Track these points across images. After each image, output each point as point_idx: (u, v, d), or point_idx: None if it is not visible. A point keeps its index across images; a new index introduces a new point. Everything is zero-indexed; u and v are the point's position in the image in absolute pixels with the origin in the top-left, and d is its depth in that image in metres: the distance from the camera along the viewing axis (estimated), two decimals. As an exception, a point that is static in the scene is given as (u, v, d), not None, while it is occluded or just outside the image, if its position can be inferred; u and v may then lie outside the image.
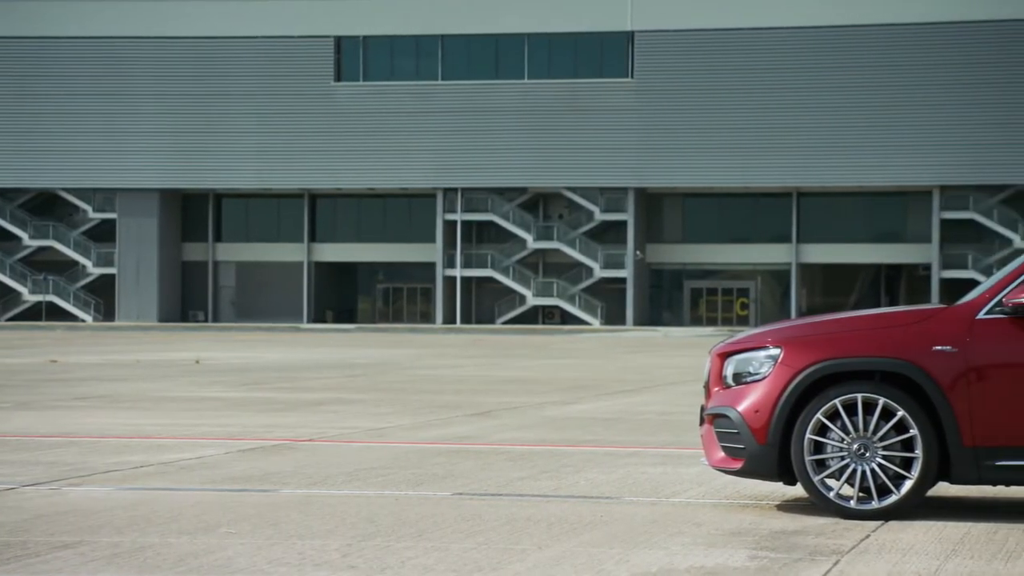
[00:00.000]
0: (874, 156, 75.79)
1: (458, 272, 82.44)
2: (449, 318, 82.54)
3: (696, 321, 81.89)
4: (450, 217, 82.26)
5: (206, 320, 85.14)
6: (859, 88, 75.71)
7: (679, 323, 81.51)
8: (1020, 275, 8.45)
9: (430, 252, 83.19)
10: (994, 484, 8.40)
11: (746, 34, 77.41)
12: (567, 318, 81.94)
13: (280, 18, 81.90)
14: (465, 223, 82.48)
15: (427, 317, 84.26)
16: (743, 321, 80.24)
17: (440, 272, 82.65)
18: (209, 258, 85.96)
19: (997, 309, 8.41)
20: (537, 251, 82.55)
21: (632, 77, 79.15)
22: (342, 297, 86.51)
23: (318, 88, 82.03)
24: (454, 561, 7.12)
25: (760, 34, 77.22)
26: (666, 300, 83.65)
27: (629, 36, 79.17)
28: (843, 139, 76.02)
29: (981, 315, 8.42)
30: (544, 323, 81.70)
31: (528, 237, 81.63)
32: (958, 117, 74.49)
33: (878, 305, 74.99)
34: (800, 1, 76.89)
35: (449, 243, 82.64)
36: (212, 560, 7.11)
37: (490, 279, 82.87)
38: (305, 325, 79.76)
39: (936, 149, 75.00)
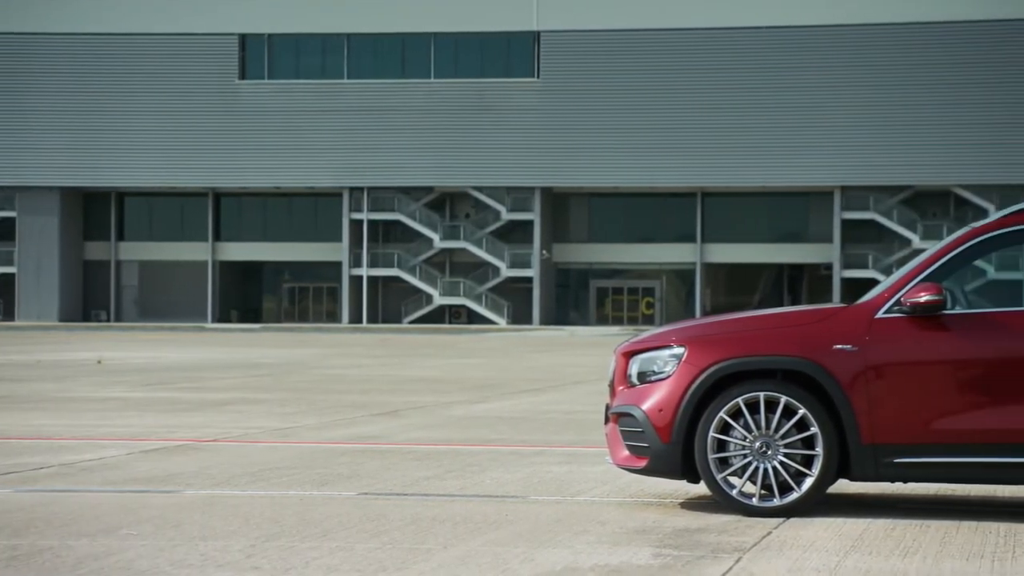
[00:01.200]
0: (777, 157, 76.59)
1: (364, 271, 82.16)
2: (355, 318, 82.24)
3: (602, 320, 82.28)
4: (356, 216, 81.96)
5: (108, 320, 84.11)
6: (762, 90, 76.48)
7: (585, 322, 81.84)
8: (918, 275, 8.59)
9: (336, 251, 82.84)
10: (892, 481, 8.53)
11: (651, 35, 77.89)
12: (474, 317, 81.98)
13: (184, 15, 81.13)
14: (371, 222, 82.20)
15: (333, 317, 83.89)
16: (648, 320, 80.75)
17: (346, 271, 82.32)
18: (111, 257, 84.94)
19: (895, 308, 8.54)
20: (444, 250, 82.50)
21: (538, 77, 79.35)
22: (247, 296, 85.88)
23: (222, 86, 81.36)
24: (359, 561, 7.10)
25: (664, 35, 77.74)
26: (572, 299, 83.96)
27: (535, 36, 79.37)
28: (747, 140, 76.74)
29: (880, 314, 8.55)
30: (451, 322, 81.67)
31: (435, 236, 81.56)
32: (858, 119, 75.47)
33: (781, 304, 75.81)
34: (703, 3, 77.49)
35: (355, 242, 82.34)
36: (113, 562, 7.03)
37: (396, 278, 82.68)
38: (210, 325, 79.07)
39: (837, 150, 75.94)
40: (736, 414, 8.59)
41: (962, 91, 74.34)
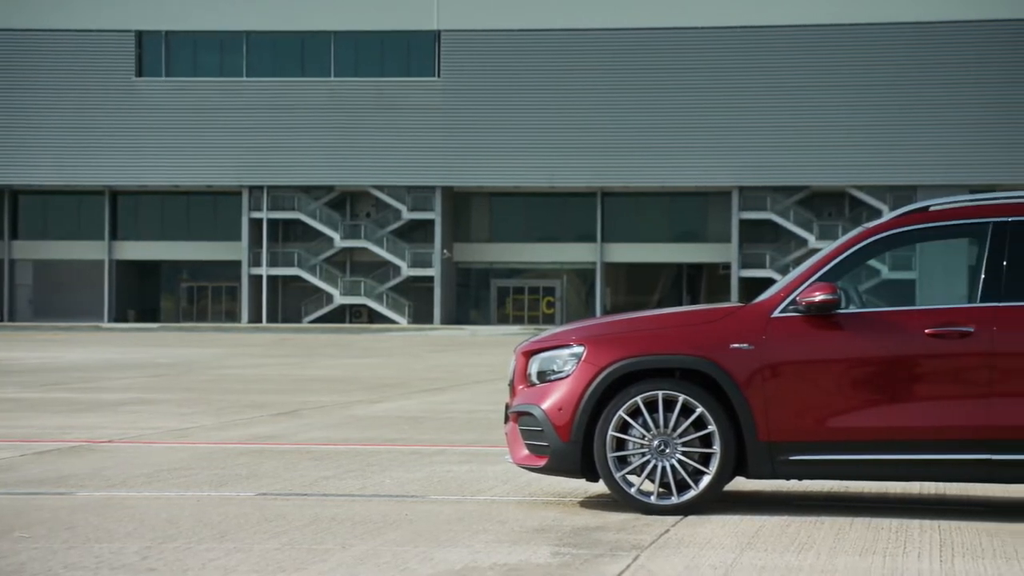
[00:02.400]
0: (676, 157, 77.19)
1: (264, 271, 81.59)
2: (255, 317, 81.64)
3: (503, 319, 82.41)
4: (256, 215, 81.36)
5: (2, 320, 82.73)
6: (660, 91, 77.03)
7: (486, 321, 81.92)
8: (812, 274, 8.70)
9: (235, 250, 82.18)
10: (787, 478, 8.63)
11: (552, 35, 78.15)
12: (374, 317, 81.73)
13: (80, 11, 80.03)
14: (271, 221, 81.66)
15: (232, 316, 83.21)
16: (549, 320, 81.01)
17: (246, 270, 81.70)
18: (5, 256, 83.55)
19: (791, 307, 8.63)
20: (344, 250, 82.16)
21: (439, 76, 79.31)
22: (145, 296, 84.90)
23: (119, 83, 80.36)
24: (257, 562, 7.05)
25: (565, 35, 78.03)
26: (473, 299, 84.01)
27: (436, 35, 79.30)
28: (646, 141, 77.26)
29: (776, 313, 8.64)
30: (351, 322, 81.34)
31: (335, 236, 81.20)
32: (756, 120, 76.27)
33: (680, 303, 76.40)
34: (601, 5, 77.87)
35: (255, 241, 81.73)
36: (3, 566, 6.92)
37: (296, 278, 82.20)
38: (106, 325, 78.07)
39: (735, 151, 76.70)
40: (635, 413, 8.64)
41: (856, 94, 75.39)
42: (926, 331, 8.43)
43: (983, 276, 8.50)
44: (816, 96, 75.70)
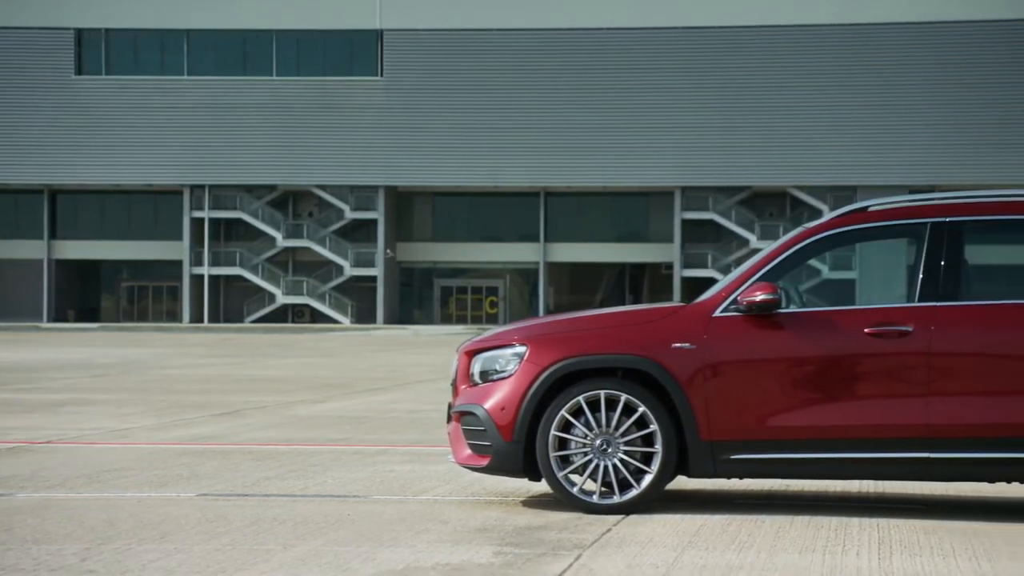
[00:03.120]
0: (619, 157, 77.39)
1: (206, 270, 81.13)
2: (196, 317, 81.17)
3: (446, 319, 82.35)
4: (197, 214, 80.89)
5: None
6: (603, 91, 77.21)
7: (429, 321, 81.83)
8: (753, 274, 8.75)
9: (177, 250, 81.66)
10: (729, 477, 8.67)
11: (495, 35, 78.17)
12: (317, 317, 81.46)
13: (18, 8, 79.25)
14: (213, 220, 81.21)
15: (173, 316, 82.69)
16: (492, 319, 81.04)
17: (187, 270, 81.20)
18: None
19: (732, 307, 8.68)
20: (287, 249, 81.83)
21: (382, 76, 79.13)
22: (85, 296, 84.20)
23: (59, 81, 79.66)
24: (197, 563, 7.02)
25: (507, 35, 78.07)
26: (416, 298, 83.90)
27: (378, 35, 79.13)
28: (589, 140, 77.42)
29: (717, 313, 8.69)
30: (294, 322, 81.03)
31: (277, 235, 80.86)
32: (698, 121, 76.60)
33: (623, 303, 76.63)
34: (544, 5, 77.95)
35: (197, 241, 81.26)
36: (-58, 569, 6.86)
37: (239, 277, 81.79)
38: (45, 324, 77.36)
39: (678, 152, 77.00)
40: (577, 412, 8.67)
41: (797, 95, 75.86)
42: (865, 330, 8.50)
43: (921, 276, 8.58)
44: (757, 97, 76.13)
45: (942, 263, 8.56)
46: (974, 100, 74.09)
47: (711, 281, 68.50)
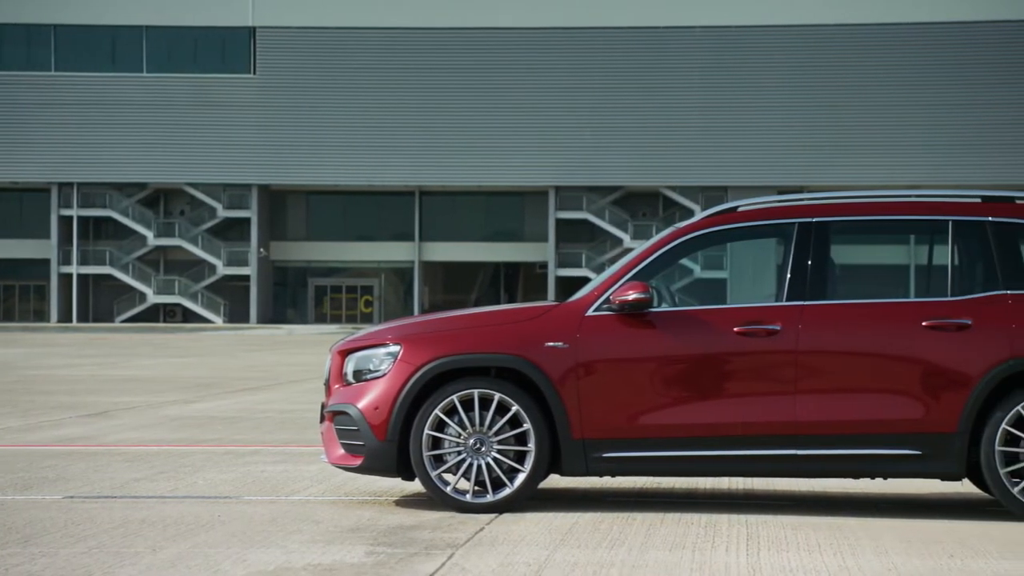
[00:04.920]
0: (493, 157, 77.54)
1: (74, 269, 79.77)
2: (65, 316, 79.79)
3: (321, 319, 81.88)
4: (66, 212, 79.52)
5: None
6: (477, 90, 77.30)
7: (304, 320, 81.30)
8: (625, 273, 8.82)
9: (44, 248, 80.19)
10: (601, 475, 8.73)
11: (369, 33, 77.87)
12: (189, 316, 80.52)
13: None
14: (82, 219, 79.89)
15: (41, 315, 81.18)
16: (367, 318, 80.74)
17: (55, 269, 79.78)
18: None
19: (605, 306, 8.74)
20: (158, 248, 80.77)
21: (255, 73, 78.44)
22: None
23: (-79, 75, 77.88)
24: (63, 567, 6.90)
25: (381, 33, 77.81)
26: (290, 298, 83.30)
27: (251, 32, 78.43)
28: (463, 140, 77.45)
29: (590, 312, 8.74)
30: (165, 321, 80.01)
31: (148, 234, 79.78)
32: (571, 121, 77.01)
33: (497, 302, 76.78)
34: (419, 4, 77.83)
35: (65, 239, 79.88)
36: None
37: (108, 276, 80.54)
38: (-93, 324, 75.55)
39: (552, 151, 77.33)
40: (451, 411, 8.67)
41: (668, 97, 76.58)
42: (735, 329, 8.61)
43: (789, 275, 8.71)
44: (630, 98, 76.72)
45: (809, 263, 8.71)
46: (841, 103, 75.41)
47: (585, 280, 68.93)
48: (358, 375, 8.88)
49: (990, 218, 8.78)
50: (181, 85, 78.28)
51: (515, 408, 8.62)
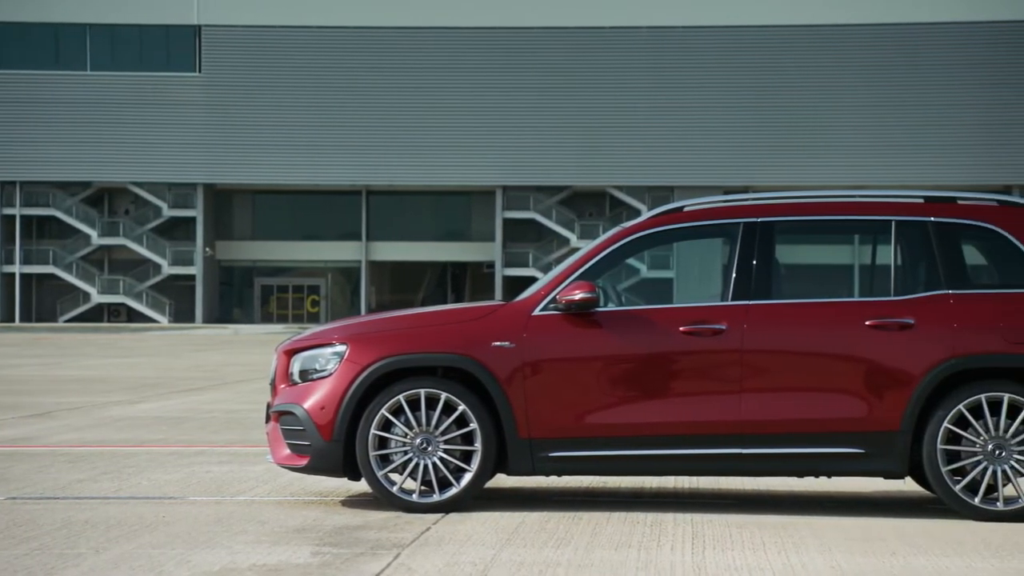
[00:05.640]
0: (440, 156, 77.45)
1: (17, 268, 79.05)
2: (7, 316, 79.05)
3: (267, 318, 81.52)
4: (8, 211, 78.78)
5: None
6: (424, 89, 77.18)
7: (250, 320, 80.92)
8: (572, 273, 8.84)
9: (-14, 247, 79.47)
10: (547, 474, 8.74)
11: (315, 32, 77.58)
12: (134, 316, 79.97)
13: None
14: (24, 218, 79.16)
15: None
16: (314, 318, 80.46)
17: (-3, 268, 79.05)
18: None
19: (551, 306, 8.76)
20: (102, 247, 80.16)
21: (200, 72, 78.00)
22: None
23: None
24: (4, 569, 6.83)
25: (327, 32, 77.57)
26: (236, 297, 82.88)
27: (196, 30, 77.98)
28: (411, 139, 77.33)
29: (537, 311, 8.76)
30: (110, 321, 79.42)
31: (92, 233, 79.15)
32: (518, 121, 77.02)
33: (444, 302, 76.70)
34: (363, 2, 77.63)
35: (7, 238, 79.13)
36: None
37: (52, 276, 79.87)
38: None
39: (499, 151, 77.34)
40: (397, 411, 8.66)
41: (614, 96, 76.77)
42: (681, 329, 8.64)
43: (734, 275, 8.75)
44: (576, 98, 76.83)
45: (754, 262, 8.75)
46: (787, 103, 75.82)
47: (532, 280, 68.98)
48: (304, 375, 8.86)
49: (932, 218, 8.86)
50: (125, 83, 77.74)
51: (462, 408, 8.62)
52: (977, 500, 8.51)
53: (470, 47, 77.33)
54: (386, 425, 8.67)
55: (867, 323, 8.61)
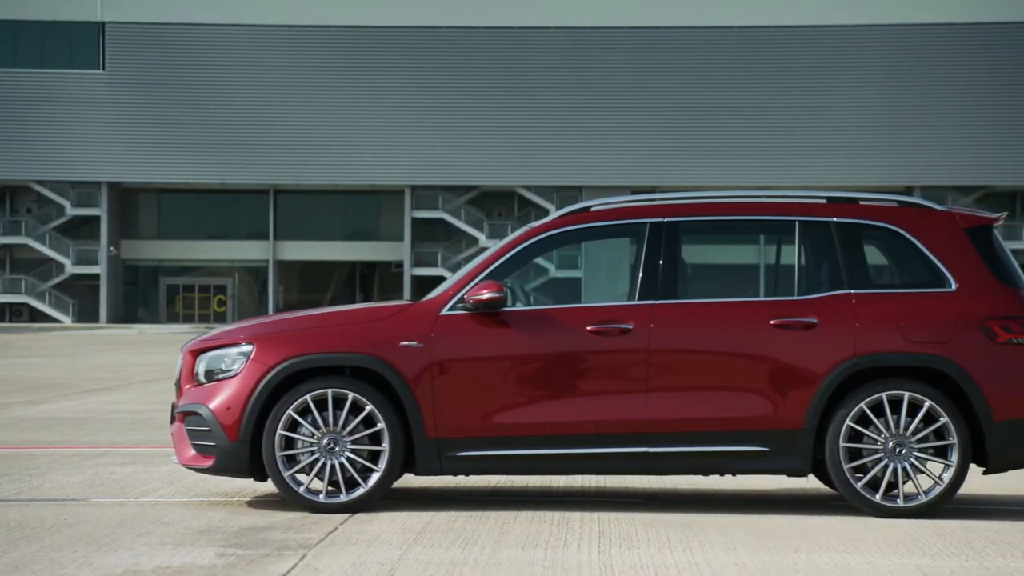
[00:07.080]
0: (348, 155, 77.18)
1: (-84, 267, 77.70)
2: (-94, 316, 77.67)
3: (173, 318, 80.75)
4: (-93, 209, 77.40)
5: None
6: (332, 88, 76.84)
7: (155, 320, 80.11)
8: (480, 272, 8.85)
9: None
10: (455, 474, 8.75)
11: (222, 29, 76.94)
12: (36, 316, 78.86)
13: None
14: (-76, 216, 77.82)
15: None
16: (221, 318, 79.81)
17: None
18: None
19: (459, 305, 8.76)
20: (4, 246, 78.97)
21: (104, 69, 77.09)
22: None
23: None
24: (-97, 573, 6.72)
25: (233, 30, 76.96)
26: (142, 297, 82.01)
27: (100, 27, 77.05)
28: (319, 138, 76.97)
29: (445, 311, 8.76)
30: (12, 321, 78.25)
31: (-6, 232, 78.02)
32: (426, 120, 76.95)
33: (353, 301, 76.37)
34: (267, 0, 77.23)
35: (-94, 237, 77.76)
36: None
37: (-48, 275, 78.59)
38: None
39: (407, 150, 77.21)
40: (304, 411, 8.63)
41: (522, 96, 76.91)
42: (588, 328, 8.68)
43: (641, 275, 8.81)
44: (485, 98, 76.90)
45: (661, 262, 8.81)
46: (693, 104, 76.39)
47: (441, 279, 68.89)
48: (210, 375, 8.80)
49: (835, 219, 8.97)
50: (28, 80, 76.65)
51: (369, 407, 8.60)
52: (878, 497, 8.63)
53: (378, 46, 77.11)
54: (293, 425, 8.63)
55: (771, 322, 8.70)
